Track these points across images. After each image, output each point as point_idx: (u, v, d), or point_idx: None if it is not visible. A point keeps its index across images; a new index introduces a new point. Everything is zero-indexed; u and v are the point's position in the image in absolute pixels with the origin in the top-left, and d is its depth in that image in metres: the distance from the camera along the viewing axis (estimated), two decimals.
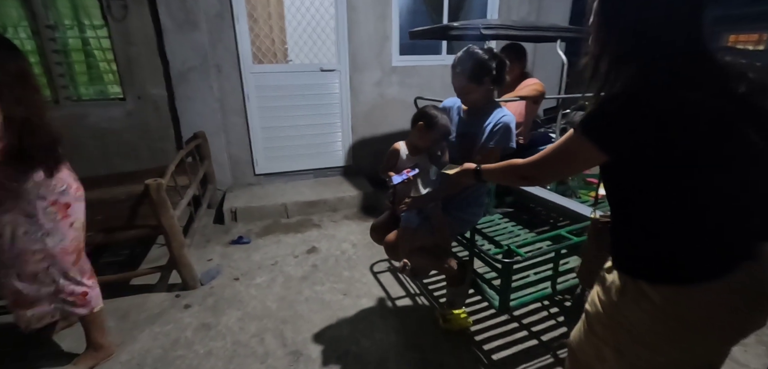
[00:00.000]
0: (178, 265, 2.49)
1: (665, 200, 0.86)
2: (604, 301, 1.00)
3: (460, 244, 2.19)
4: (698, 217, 0.85)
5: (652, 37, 0.86)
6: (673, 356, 0.91)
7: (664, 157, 0.83)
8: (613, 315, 0.96)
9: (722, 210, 0.85)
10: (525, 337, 2.09)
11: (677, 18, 0.85)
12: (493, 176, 1.37)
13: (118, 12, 3.33)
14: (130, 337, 2.13)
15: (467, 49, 1.80)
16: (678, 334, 0.88)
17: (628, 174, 0.91)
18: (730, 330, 0.88)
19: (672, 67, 0.84)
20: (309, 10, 3.94)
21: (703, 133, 0.80)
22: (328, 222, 3.60)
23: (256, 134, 4.07)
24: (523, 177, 1.17)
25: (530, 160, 1.12)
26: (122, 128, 3.63)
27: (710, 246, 0.85)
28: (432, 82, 4.45)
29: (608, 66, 0.92)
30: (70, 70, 3.48)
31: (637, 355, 0.94)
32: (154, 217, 2.34)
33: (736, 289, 0.84)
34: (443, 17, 4.37)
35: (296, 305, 2.39)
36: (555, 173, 1.16)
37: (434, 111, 1.89)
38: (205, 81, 3.66)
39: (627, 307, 0.93)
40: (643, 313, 0.90)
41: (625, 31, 0.90)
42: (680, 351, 0.90)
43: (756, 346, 1.99)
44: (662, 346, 0.90)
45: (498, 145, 1.77)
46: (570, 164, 1.05)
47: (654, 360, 0.93)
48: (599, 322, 1.01)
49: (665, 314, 0.87)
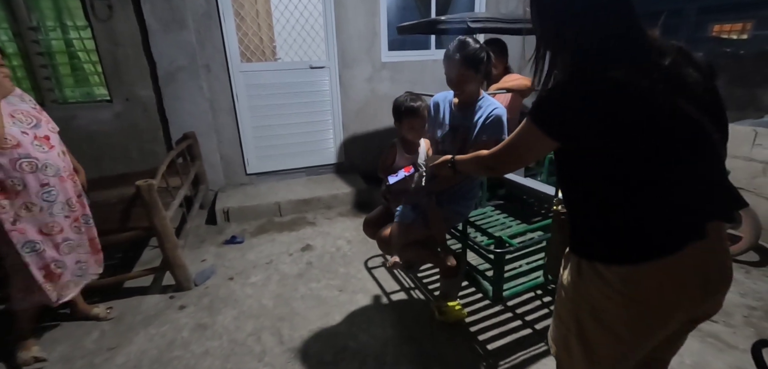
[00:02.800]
0: (172, 266, 2.48)
1: (614, 181, 0.89)
2: (565, 286, 1.04)
3: (453, 237, 2.21)
4: (647, 197, 0.87)
5: (584, 23, 0.91)
6: (630, 339, 0.93)
7: (607, 139, 0.85)
8: (574, 298, 1.00)
9: (670, 188, 0.86)
10: (519, 326, 2.12)
11: (606, 2, 0.90)
12: (465, 167, 1.42)
13: (102, 12, 3.28)
14: (126, 340, 2.12)
15: (461, 39, 1.81)
16: (634, 312, 0.90)
17: (576, 158, 0.94)
18: (680, 308, 0.90)
19: (605, 49, 0.87)
20: (297, 7, 3.92)
21: (641, 111, 0.83)
22: (323, 219, 3.61)
23: (246, 133, 4.05)
24: (488, 167, 1.22)
25: (492, 151, 1.18)
26: (111, 131, 3.58)
27: (660, 225, 0.87)
28: (422, 77, 4.47)
29: (550, 55, 0.99)
30: (55, 73, 3.42)
31: (598, 341, 0.97)
32: (146, 219, 2.33)
33: (687, 265, 0.86)
34: (431, 12, 4.39)
35: (292, 303, 2.40)
36: (515, 162, 1.18)
37: (411, 101, 1.90)
38: (194, 81, 3.62)
39: (585, 288, 0.97)
40: (600, 294, 0.93)
41: (558, 20, 0.95)
42: (636, 332, 0.92)
43: (744, 327, 2.05)
44: (619, 327, 0.93)
45: (491, 138, 1.79)
46: (527, 152, 1.08)
47: (615, 348, 0.95)
48: (564, 308, 1.05)
49: (621, 294, 0.90)
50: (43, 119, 1.88)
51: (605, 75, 0.84)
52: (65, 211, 1.93)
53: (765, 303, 2.22)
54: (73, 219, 1.98)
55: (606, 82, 0.84)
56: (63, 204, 1.91)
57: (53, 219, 1.87)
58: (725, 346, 1.92)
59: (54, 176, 1.85)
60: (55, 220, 1.88)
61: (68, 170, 1.98)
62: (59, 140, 1.96)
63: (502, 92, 2.97)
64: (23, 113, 1.78)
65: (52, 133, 1.91)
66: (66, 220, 1.94)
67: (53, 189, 1.85)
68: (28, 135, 1.76)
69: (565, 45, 0.94)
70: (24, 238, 1.79)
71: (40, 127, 1.83)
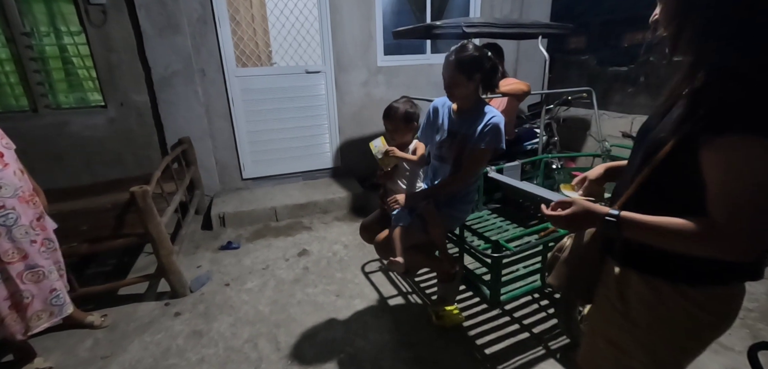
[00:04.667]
0: (167, 273, 2.46)
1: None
2: (627, 312, 0.93)
3: (450, 241, 2.21)
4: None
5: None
6: (696, 353, 0.93)
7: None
8: (651, 325, 0.91)
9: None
10: (517, 330, 2.12)
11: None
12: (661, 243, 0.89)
13: (96, 18, 3.26)
14: (120, 348, 2.10)
15: (464, 43, 1.80)
16: (717, 332, 0.89)
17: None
18: (724, 328, 0.91)
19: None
20: (292, 12, 3.92)
21: None
22: (319, 224, 3.60)
23: (242, 138, 4.04)
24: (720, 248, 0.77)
25: (731, 211, 0.72)
26: (105, 136, 3.55)
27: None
28: (418, 81, 4.48)
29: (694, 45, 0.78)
30: (48, 78, 3.39)
31: (671, 363, 0.93)
32: (141, 225, 2.31)
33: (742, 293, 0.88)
34: (426, 16, 4.41)
35: (289, 308, 2.38)
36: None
37: (394, 102, 2.02)
38: (189, 85, 3.61)
39: (667, 313, 0.88)
40: (686, 317, 0.86)
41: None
42: (703, 348, 0.92)
43: (740, 329, 2.06)
44: (695, 346, 0.91)
45: (489, 146, 1.80)
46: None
47: (681, 365, 0.94)
48: (628, 336, 0.94)
49: (714, 315, 0.86)
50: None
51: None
52: (31, 235, 1.78)
53: (760, 304, 2.24)
54: (40, 242, 1.82)
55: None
56: (27, 227, 1.76)
57: (13, 244, 1.71)
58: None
59: (11, 197, 1.70)
60: (16, 246, 1.72)
61: (28, 191, 1.82)
62: (15, 158, 1.80)
63: (498, 96, 2.98)
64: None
65: (7, 150, 1.75)
66: (32, 245, 1.78)
67: (11, 211, 1.69)
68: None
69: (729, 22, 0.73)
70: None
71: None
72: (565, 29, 3.47)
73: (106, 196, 2.74)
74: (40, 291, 1.83)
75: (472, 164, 1.86)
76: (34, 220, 1.82)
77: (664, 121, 0.85)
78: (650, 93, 3.99)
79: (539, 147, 3.31)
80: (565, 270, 1.14)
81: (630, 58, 4.16)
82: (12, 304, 1.76)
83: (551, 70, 3.22)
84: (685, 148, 0.77)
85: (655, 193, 0.86)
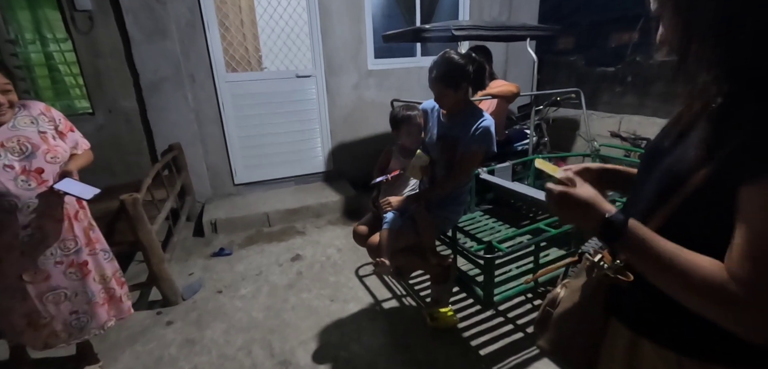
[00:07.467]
0: (158, 281, 2.43)
1: None
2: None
3: (443, 243, 2.22)
4: None
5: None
6: None
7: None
8: None
9: None
10: (511, 330, 2.14)
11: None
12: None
13: (82, 24, 3.22)
14: (111, 359, 2.07)
15: (444, 54, 1.81)
16: None
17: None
18: None
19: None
20: (282, 16, 3.91)
21: None
22: (312, 228, 3.59)
23: (233, 143, 4.01)
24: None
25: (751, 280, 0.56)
26: (93, 143, 3.42)
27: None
28: (408, 84, 4.50)
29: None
30: (34, 86, 3.34)
31: None
32: (132, 233, 2.29)
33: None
34: (416, 19, 4.43)
35: (283, 314, 2.37)
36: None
37: (406, 110, 2.20)
38: (179, 91, 3.58)
39: None
40: None
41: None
42: None
43: None
44: None
45: (480, 149, 1.82)
46: None
47: None
48: None
49: None
50: (43, 149, 1.63)
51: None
52: (57, 256, 1.72)
53: None
54: (67, 264, 1.75)
55: None
56: (52, 248, 1.70)
57: (36, 266, 1.67)
58: None
59: (38, 216, 1.62)
60: (40, 268, 1.68)
61: (72, 207, 1.80)
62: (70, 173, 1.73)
63: (488, 98, 3.01)
64: (15, 140, 1.57)
65: (51, 164, 1.66)
66: (57, 266, 1.72)
67: (37, 231, 1.63)
68: (14, 169, 1.55)
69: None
70: (2, 283, 1.64)
71: (33, 158, 1.59)
72: (552, 31, 3.52)
73: (95, 205, 2.70)
74: (60, 312, 1.77)
75: (464, 166, 1.88)
76: (80, 235, 1.81)
77: (685, 145, 0.69)
78: (637, 92, 4.06)
79: (530, 148, 3.34)
80: (559, 334, 0.94)
81: (617, 58, 4.22)
82: (29, 322, 1.74)
83: (540, 71, 3.25)
84: (721, 181, 0.61)
85: (680, 230, 0.67)
